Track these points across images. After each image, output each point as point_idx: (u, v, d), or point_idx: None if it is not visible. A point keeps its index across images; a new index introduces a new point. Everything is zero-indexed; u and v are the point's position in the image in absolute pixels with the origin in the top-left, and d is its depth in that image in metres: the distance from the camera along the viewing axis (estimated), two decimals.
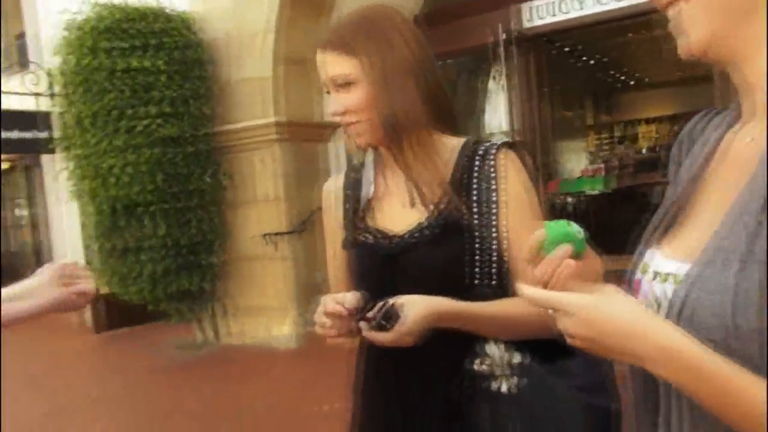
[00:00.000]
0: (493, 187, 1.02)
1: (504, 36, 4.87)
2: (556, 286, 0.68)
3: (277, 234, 4.76)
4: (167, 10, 4.89)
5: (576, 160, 12.52)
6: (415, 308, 0.92)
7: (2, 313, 0.87)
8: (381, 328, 0.93)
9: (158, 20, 4.75)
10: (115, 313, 5.87)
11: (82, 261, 6.13)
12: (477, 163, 1.04)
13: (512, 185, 1.02)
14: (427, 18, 6.24)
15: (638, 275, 0.71)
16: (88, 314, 6.39)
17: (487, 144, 1.06)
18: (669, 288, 0.64)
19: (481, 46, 5.91)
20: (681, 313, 0.59)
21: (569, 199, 7.48)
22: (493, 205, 1.01)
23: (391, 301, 0.93)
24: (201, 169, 4.84)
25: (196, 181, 4.78)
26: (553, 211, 7.39)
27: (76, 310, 0.97)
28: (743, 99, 0.65)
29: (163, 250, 4.66)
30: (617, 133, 11.42)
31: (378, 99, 1.01)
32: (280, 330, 4.80)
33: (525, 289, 0.64)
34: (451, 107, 1.11)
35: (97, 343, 5.95)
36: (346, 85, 1.01)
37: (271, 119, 4.74)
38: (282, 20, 4.71)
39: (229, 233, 5.09)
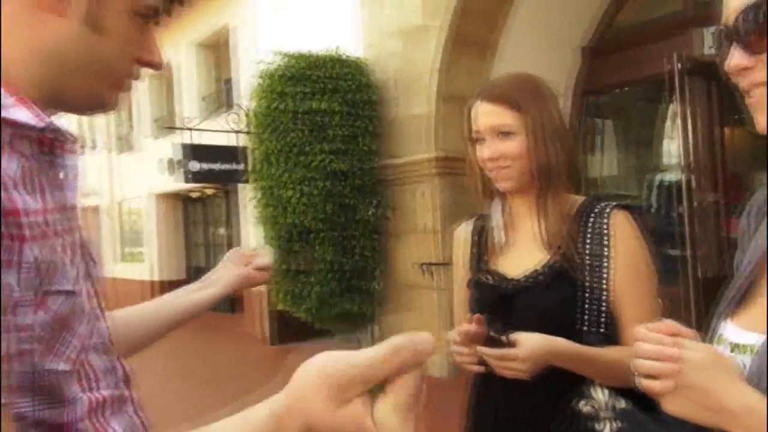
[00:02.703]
0: (605, 243, 1.10)
1: (679, 65, 4.55)
2: None
3: (432, 264, 4.93)
4: (344, 57, 5.42)
5: None
6: (533, 340, 1.01)
7: (198, 301, 1.00)
8: (493, 342, 1.02)
9: (335, 66, 5.28)
10: (287, 329, 6.52)
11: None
12: (591, 220, 1.13)
13: (623, 244, 1.10)
14: (601, 47, 6.07)
15: (714, 347, 0.71)
16: (266, 327, 7.17)
17: (603, 203, 1.15)
18: (748, 360, 0.64)
19: (658, 74, 5.56)
20: (758, 386, 0.60)
21: None
22: (604, 260, 1.10)
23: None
24: (367, 201, 5.24)
25: (361, 211, 5.19)
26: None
27: (261, 284, 1.09)
28: None
29: (329, 274, 5.10)
30: None
31: (535, 150, 1.14)
32: (431, 358, 4.90)
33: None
34: (579, 169, 1.24)
35: (270, 353, 6.62)
36: (506, 134, 1.15)
37: (432, 154, 4.96)
38: (445, 61, 4.94)
39: (389, 261, 5.40)
